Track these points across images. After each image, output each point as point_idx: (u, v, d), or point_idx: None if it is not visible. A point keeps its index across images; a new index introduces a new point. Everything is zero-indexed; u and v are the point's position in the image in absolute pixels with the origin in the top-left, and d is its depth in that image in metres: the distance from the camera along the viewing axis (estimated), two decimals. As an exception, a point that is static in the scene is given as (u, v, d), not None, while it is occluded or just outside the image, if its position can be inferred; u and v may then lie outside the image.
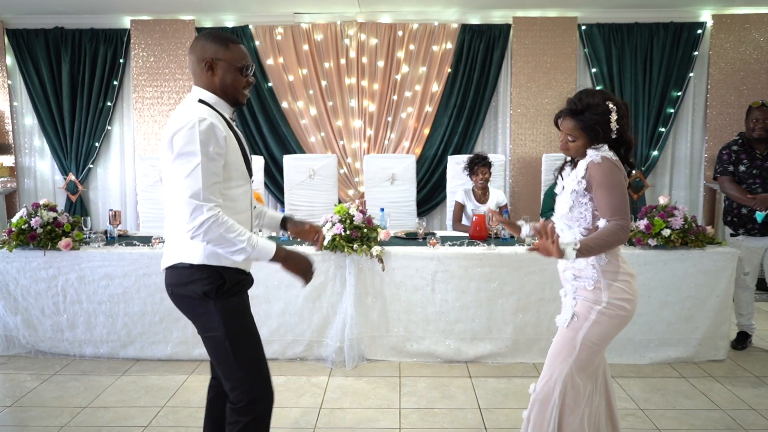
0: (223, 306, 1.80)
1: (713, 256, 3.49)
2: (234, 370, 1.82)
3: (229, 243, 1.69)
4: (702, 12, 5.34)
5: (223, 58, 1.81)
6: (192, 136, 1.66)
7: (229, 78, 1.82)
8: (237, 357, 1.81)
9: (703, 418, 2.89)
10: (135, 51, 5.48)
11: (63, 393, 3.16)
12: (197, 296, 1.79)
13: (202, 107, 1.77)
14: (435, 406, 3.02)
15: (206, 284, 1.78)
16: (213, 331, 1.81)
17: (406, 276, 3.51)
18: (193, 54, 1.84)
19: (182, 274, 1.81)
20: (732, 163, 3.80)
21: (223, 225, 1.68)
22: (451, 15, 5.39)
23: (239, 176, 1.83)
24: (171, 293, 1.87)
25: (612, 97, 2.02)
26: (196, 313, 1.85)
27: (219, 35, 1.84)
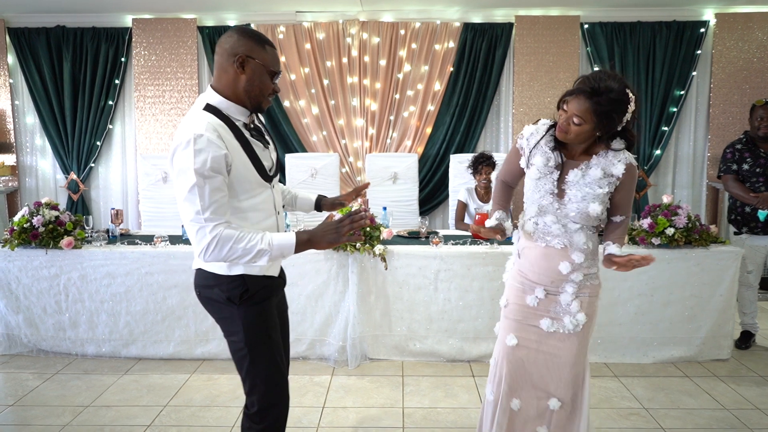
0: (246, 312, 1.78)
1: (717, 255, 3.48)
2: (251, 376, 1.81)
3: (244, 253, 1.61)
4: (705, 10, 5.32)
5: (257, 58, 1.69)
6: (187, 154, 1.58)
7: (258, 80, 1.71)
8: (254, 363, 1.80)
9: (708, 417, 2.88)
10: (136, 50, 5.47)
11: (65, 392, 3.15)
12: (221, 300, 1.78)
13: (204, 117, 1.66)
14: (438, 405, 3.01)
15: (230, 289, 1.76)
16: (233, 335, 1.80)
17: (408, 275, 3.50)
18: (224, 47, 1.70)
19: (208, 276, 1.80)
20: (736, 162, 3.79)
21: (230, 239, 1.60)
22: (454, 14, 5.38)
23: (252, 186, 1.74)
24: (198, 294, 1.87)
25: (630, 86, 1.83)
26: (220, 316, 1.84)
27: (257, 34, 1.73)
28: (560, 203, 1.93)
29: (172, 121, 5.54)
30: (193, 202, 1.58)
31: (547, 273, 1.97)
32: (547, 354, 2.00)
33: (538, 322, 2.01)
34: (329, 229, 1.69)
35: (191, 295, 3.50)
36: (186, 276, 3.50)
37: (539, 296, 2.00)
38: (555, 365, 1.99)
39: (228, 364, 3.50)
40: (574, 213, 1.92)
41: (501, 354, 2.07)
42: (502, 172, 2.22)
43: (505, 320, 2.08)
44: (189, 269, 3.49)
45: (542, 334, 2.00)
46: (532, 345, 2.01)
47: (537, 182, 1.94)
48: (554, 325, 1.99)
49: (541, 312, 2.00)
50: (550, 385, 2.00)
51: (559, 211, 1.94)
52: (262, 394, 1.82)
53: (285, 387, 1.89)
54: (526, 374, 2.03)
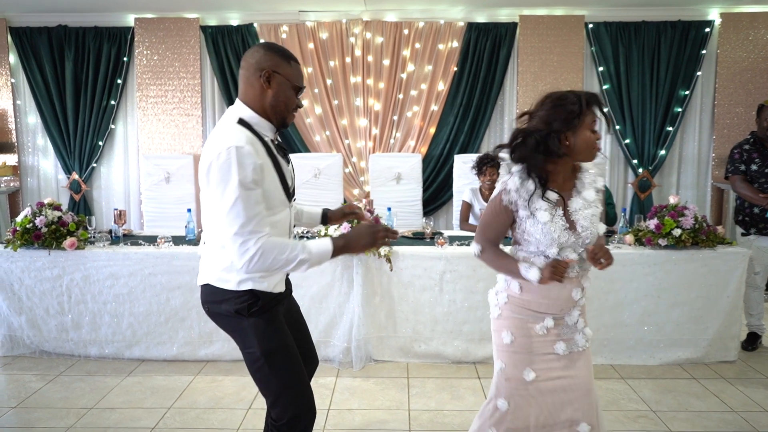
0: (257, 323, 1.77)
1: (724, 256, 3.46)
2: (272, 388, 1.79)
3: (287, 263, 1.65)
4: (710, 10, 5.30)
5: (283, 73, 1.72)
6: (228, 166, 1.59)
7: (283, 95, 1.74)
8: (274, 374, 1.78)
9: (716, 420, 2.85)
10: (139, 49, 5.45)
11: (68, 394, 3.13)
12: (231, 314, 1.77)
13: (240, 131, 1.68)
14: (445, 407, 2.98)
15: (239, 303, 1.75)
16: (249, 348, 1.79)
17: (414, 276, 3.48)
18: (250, 61, 1.73)
19: (216, 292, 1.79)
20: (744, 162, 3.76)
21: (274, 250, 1.63)
22: (457, 13, 5.35)
23: (277, 203, 1.75)
24: (207, 310, 1.86)
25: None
26: (232, 330, 1.83)
27: (282, 49, 1.77)
28: (576, 234, 1.88)
29: (175, 121, 5.52)
30: (238, 215, 1.59)
31: (557, 302, 1.93)
32: (568, 378, 1.93)
33: (552, 348, 1.94)
34: (364, 233, 1.77)
35: (195, 296, 3.50)
36: (190, 277, 3.48)
37: (548, 325, 1.94)
38: (577, 387, 1.93)
39: (232, 366, 3.48)
40: (588, 240, 1.90)
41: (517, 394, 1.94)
42: (490, 237, 1.95)
43: (515, 356, 1.95)
44: (193, 270, 3.49)
45: (559, 359, 1.94)
46: (552, 374, 1.93)
47: (547, 225, 1.86)
48: (569, 346, 1.94)
49: (552, 337, 1.94)
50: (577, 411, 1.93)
51: (575, 243, 1.89)
52: (287, 404, 1.79)
53: (309, 393, 1.85)
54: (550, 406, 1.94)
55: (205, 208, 1.74)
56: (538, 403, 1.91)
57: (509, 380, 1.94)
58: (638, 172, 5.47)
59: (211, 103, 5.60)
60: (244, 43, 5.39)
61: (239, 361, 3.53)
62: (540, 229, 1.84)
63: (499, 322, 1.98)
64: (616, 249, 3.49)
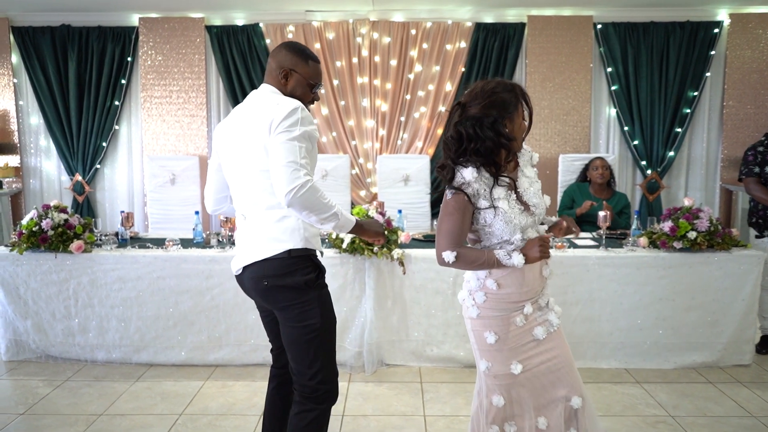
0: (321, 295, 1.91)
1: (739, 259, 3.42)
2: (320, 359, 1.89)
3: (323, 208, 1.76)
4: (719, 11, 5.27)
5: (299, 72, 1.95)
6: (296, 118, 1.79)
7: (299, 90, 1.97)
8: (324, 345, 1.90)
9: (735, 425, 2.82)
10: (143, 49, 5.39)
11: (77, 400, 3.08)
12: (299, 286, 1.86)
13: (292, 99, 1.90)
14: (460, 413, 2.94)
15: (307, 273, 1.86)
16: (310, 320, 1.87)
17: (426, 279, 3.43)
18: (275, 59, 1.97)
19: (281, 264, 1.85)
20: (758, 164, 3.73)
21: (318, 191, 1.76)
22: (465, 13, 5.31)
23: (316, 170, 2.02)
24: (266, 285, 1.88)
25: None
26: (294, 303, 1.87)
27: (303, 50, 1.98)
28: (531, 214, 1.91)
29: (179, 122, 5.46)
30: (293, 151, 1.75)
31: (533, 286, 1.93)
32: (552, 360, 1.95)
33: (531, 335, 1.94)
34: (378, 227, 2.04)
35: (204, 299, 3.45)
36: (198, 280, 3.43)
37: (527, 312, 1.93)
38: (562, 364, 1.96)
39: (242, 371, 3.43)
40: (541, 214, 1.97)
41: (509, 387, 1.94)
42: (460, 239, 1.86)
43: (500, 354, 1.93)
44: (201, 273, 3.44)
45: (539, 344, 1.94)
46: (536, 359, 1.94)
47: (507, 212, 1.85)
48: (546, 329, 1.95)
49: (531, 324, 1.94)
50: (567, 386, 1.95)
51: (534, 221, 1.93)
52: (329, 375, 1.92)
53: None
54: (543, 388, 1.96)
55: (251, 174, 1.87)
56: (531, 388, 1.94)
57: (498, 377, 1.94)
58: (647, 173, 5.44)
59: (216, 103, 5.55)
60: (249, 43, 5.34)
61: (249, 365, 3.49)
62: (501, 218, 1.84)
63: (479, 322, 1.94)
64: (630, 252, 3.45)
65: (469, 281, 1.97)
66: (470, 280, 1.97)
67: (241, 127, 1.91)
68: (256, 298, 2.02)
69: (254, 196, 1.89)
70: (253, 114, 1.88)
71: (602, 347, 3.46)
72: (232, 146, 1.95)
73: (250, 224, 1.92)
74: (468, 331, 2.01)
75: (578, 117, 5.33)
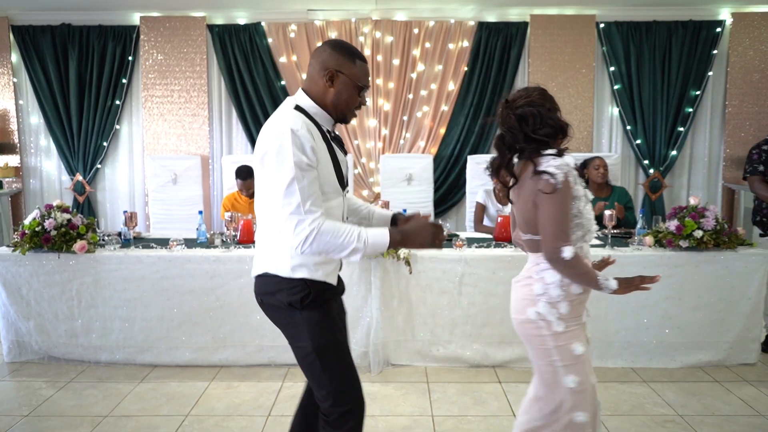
0: (309, 317, 1.75)
1: (745, 258, 3.41)
2: (324, 382, 1.77)
3: (340, 248, 1.63)
4: (721, 10, 5.27)
5: (347, 73, 1.75)
6: (284, 147, 1.61)
7: (345, 94, 1.76)
8: (325, 369, 1.76)
9: (744, 424, 2.81)
10: (144, 48, 5.36)
11: (81, 401, 3.05)
12: (283, 306, 1.76)
13: (296, 115, 1.70)
14: (468, 413, 2.92)
15: (291, 294, 1.73)
16: (300, 342, 1.77)
17: (432, 279, 3.42)
18: (317, 59, 1.78)
19: (269, 283, 1.77)
20: (762, 163, 3.73)
21: (328, 232, 1.62)
22: (468, 12, 5.30)
23: (330, 190, 1.75)
24: (260, 302, 1.84)
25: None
26: (283, 323, 1.81)
27: (350, 48, 1.79)
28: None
29: (181, 122, 5.44)
30: (293, 194, 1.60)
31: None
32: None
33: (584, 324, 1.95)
34: (425, 231, 1.73)
35: (208, 299, 3.43)
36: (203, 281, 3.40)
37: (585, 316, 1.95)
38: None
39: (247, 371, 3.41)
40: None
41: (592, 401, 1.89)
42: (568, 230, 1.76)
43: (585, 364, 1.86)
44: (206, 273, 3.42)
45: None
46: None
47: (585, 207, 1.83)
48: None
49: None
50: None
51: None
52: (338, 400, 1.77)
53: (359, 390, 1.84)
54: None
55: (259, 195, 1.75)
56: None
57: (584, 391, 1.84)
58: (649, 172, 5.44)
59: (218, 103, 5.53)
60: (251, 42, 5.32)
61: (254, 366, 3.47)
62: (589, 209, 1.83)
63: (566, 335, 1.82)
64: (636, 251, 3.45)
65: (546, 292, 1.81)
66: (547, 291, 1.81)
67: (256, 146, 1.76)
68: None
69: (260, 211, 1.79)
70: (261, 134, 1.72)
71: (609, 346, 3.45)
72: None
73: (258, 236, 1.84)
74: (542, 351, 1.83)
75: (581, 116, 5.33)
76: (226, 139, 5.60)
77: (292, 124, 1.64)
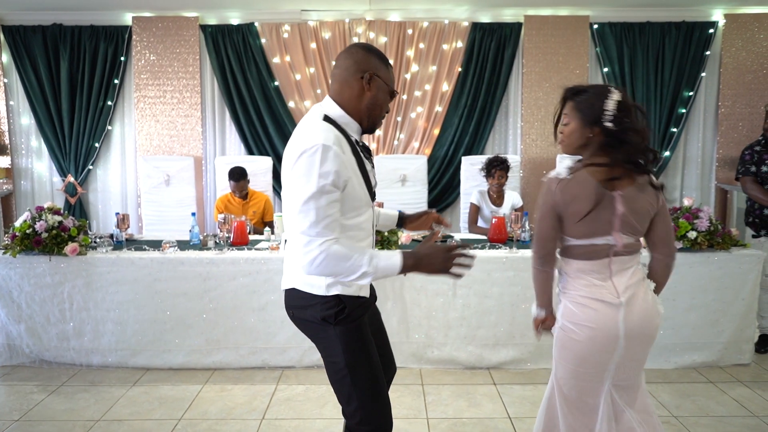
0: (343, 332, 1.72)
1: (739, 259, 3.43)
2: (353, 399, 1.74)
3: (348, 272, 1.57)
4: (714, 11, 5.29)
5: (382, 76, 1.71)
6: (312, 163, 1.55)
7: (381, 98, 1.72)
8: (356, 385, 1.73)
9: (739, 425, 2.82)
10: (136, 48, 5.32)
11: (73, 405, 3.02)
12: (317, 321, 1.73)
13: (329, 129, 1.63)
14: (463, 415, 2.92)
15: (325, 309, 1.70)
16: (333, 357, 1.74)
17: (427, 281, 3.41)
18: (351, 61, 1.71)
19: (302, 297, 1.73)
20: (754, 164, 3.74)
21: (335, 256, 1.55)
22: (462, 13, 5.29)
23: (361, 204, 1.71)
24: (291, 315, 1.82)
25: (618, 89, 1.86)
26: (317, 337, 1.78)
27: (380, 52, 1.75)
28: None
29: (173, 122, 5.40)
30: (308, 213, 1.56)
31: None
32: None
33: None
34: (438, 256, 1.61)
35: (201, 302, 3.40)
36: (196, 283, 3.38)
37: None
38: None
39: (240, 374, 3.39)
40: None
41: None
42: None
43: None
44: (199, 276, 3.39)
45: None
46: None
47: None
48: None
49: None
50: None
51: None
52: (366, 417, 1.75)
53: (388, 408, 1.81)
54: None
55: (286, 205, 1.68)
56: None
57: None
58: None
59: (211, 104, 5.49)
60: (244, 42, 5.29)
61: (247, 369, 3.45)
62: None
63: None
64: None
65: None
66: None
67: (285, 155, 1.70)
68: None
69: (288, 225, 1.73)
70: (290, 143, 1.67)
71: (603, 348, 3.44)
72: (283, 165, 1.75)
73: (288, 249, 1.79)
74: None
75: (575, 117, 5.32)
76: (220, 140, 5.57)
77: (324, 139, 1.57)
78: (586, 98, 1.84)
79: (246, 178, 4.48)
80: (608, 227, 1.82)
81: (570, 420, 1.93)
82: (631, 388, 1.94)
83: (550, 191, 1.85)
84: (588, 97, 1.83)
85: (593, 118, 1.82)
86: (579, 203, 1.80)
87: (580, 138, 1.87)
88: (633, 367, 1.91)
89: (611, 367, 1.87)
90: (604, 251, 1.84)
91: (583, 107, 1.83)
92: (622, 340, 1.83)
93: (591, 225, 1.82)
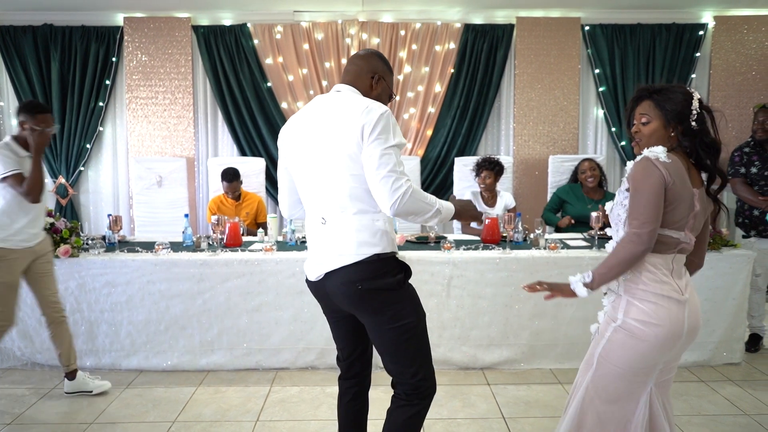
0: (412, 293, 1.93)
1: (730, 259, 3.46)
2: (418, 356, 1.91)
3: (426, 208, 1.79)
4: (704, 13, 5.34)
5: (387, 81, 2.01)
6: (387, 123, 1.78)
7: (382, 98, 1.99)
8: (421, 341, 1.93)
9: (731, 424, 2.84)
10: (128, 49, 5.30)
11: (65, 408, 3.00)
12: (392, 287, 1.85)
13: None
14: (457, 416, 2.93)
15: (397, 273, 1.88)
16: (406, 318, 1.87)
17: (421, 281, 3.41)
18: (367, 61, 1.99)
19: (372, 268, 1.84)
20: (744, 165, 3.78)
21: (419, 193, 1.78)
22: (454, 15, 5.31)
23: None
24: (360, 289, 1.84)
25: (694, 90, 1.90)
26: (388, 303, 1.86)
27: (389, 62, 2.05)
28: None
29: (166, 123, 5.38)
30: (391, 157, 1.75)
31: None
32: None
33: None
34: (471, 207, 2.02)
35: (195, 303, 3.39)
36: (190, 284, 3.37)
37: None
38: None
39: (234, 376, 3.38)
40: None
41: None
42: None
43: None
44: (192, 277, 3.38)
45: None
46: None
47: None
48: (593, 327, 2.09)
49: None
50: None
51: None
52: (427, 370, 1.94)
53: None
54: None
55: (333, 180, 1.82)
56: None
57: None
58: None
59: (203, 104, 5.48)
60: (237, 43, 5.28)
61: (241, 370, 3.44)
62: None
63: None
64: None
65: None
66: None
67: (322, 130, 1.85)
68: (342, 304, 1.91)
69: (340, 200, 1.83)
70: (338, 116, 1.82)
71: (596, 347, 3.47)
72: (308, 149, 1.88)
73: (332, 228, 1.86)
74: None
75: (567, 118, 5.36)
76: (212, 141, 5.55)
77: (385, 108, 1.81)
78: (668, 96, 1.84)
79: (239, 179, 4.47)
80: (683, 222, 1.79)
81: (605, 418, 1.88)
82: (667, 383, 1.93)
83: (657, 169, 1.75)
84: (671, 95, 1.84)
85: (677, 117, 1.82)
86: (679, 188, 1.76)
87: (662, 137, 1.85)
88: (675, 365, 1.92)
89: (660, 366, 1.84)
90: (673, 245, 1.81)
91: (667, 105, 1.83)
92: (683, 338, 1.81)
93: (672, 215, 1.78)
